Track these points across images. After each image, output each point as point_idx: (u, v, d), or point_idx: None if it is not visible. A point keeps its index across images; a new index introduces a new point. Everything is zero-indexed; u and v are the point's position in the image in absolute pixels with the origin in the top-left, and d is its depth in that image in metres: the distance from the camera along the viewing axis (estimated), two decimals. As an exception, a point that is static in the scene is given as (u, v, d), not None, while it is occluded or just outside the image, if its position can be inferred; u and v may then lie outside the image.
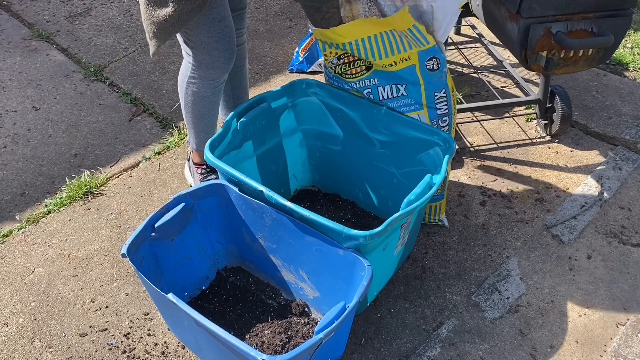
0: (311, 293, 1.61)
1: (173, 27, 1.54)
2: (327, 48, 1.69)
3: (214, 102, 1.82)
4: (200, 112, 1.83)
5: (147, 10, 1.54)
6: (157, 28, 1.55)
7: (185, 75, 1.77)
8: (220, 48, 1.67)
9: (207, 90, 1.77)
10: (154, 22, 1.54)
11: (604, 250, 1.91)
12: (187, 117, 1.88)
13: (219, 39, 1.65)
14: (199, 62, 1.70)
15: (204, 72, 1.71)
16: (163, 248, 1.56)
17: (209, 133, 1.91)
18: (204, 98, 1.79)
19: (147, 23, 1.57)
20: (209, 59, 1.68)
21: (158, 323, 1.69)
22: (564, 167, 2.22)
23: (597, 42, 1.90)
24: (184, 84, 1.78)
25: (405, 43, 1.63)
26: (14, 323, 1.69)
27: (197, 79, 1.74)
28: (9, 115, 2.50)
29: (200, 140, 1.93)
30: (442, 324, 1.69)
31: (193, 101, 1.80)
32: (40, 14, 3.21)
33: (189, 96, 1.79)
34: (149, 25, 1.57)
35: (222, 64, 1.71)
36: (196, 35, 1.63)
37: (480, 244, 1.93)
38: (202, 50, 1.66)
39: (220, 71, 1.72)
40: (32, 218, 2.02)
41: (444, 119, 1.75)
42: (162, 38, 1.57)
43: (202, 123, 1.87)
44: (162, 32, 1.56)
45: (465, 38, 2.99)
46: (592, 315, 1.72)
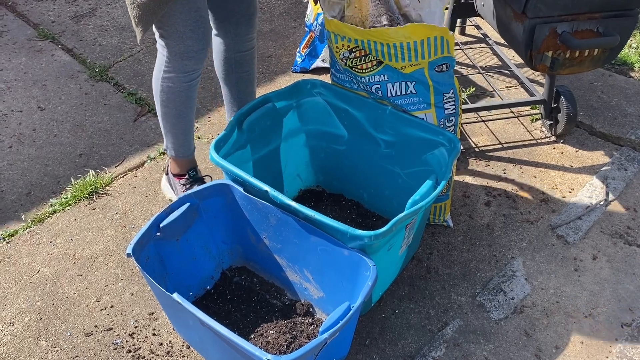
0: (316, 293, 1.61)
1: (156, 7, 1.53)
2: (340, 40, 1.69)
3: (190, 99, 1.78)
4: (177, 111, 1.79)
5: None
6: (142, 11, 1.53)
7: (159, 71, 1.73)
8: (195, 37, 1.65)
9: (183, 85, 1.73)
10: (138, 5, 1.52)
11: (610, 250, 1.90)
12: (164, 118, 1.83)
13: (193, 27, 1.63)
14: (173, 52, 1.67)
15: (178, 63, 1.68)
16: (168, 248, 1.56)
17: (188, 135, 1.87)
18: (180, 94, 1.75)
19: (131, 7, 1.55)
20: (183, 48, 1.65)
21: (163, 323, 1.69)
22: (569, 168, 2.22)
23: (603, 42, 1.89)
24: (158, 80, 1.74)
25: (419, 53, 1.63)
26: (20, 322, 1.70)
27: (172, 72, 1.71)
28: (15, 115, 2.51)
29: (180, 144, 1.88)
30: (447, 324, 1.69)
31: (170, 98, 1.76)
32: (45, 14, 3.22)
33: (165, 93, 1.75)
34: (133, 10, 1.55)
35: (196, 54, 1.68)
36: (171, 24, 1.61)
37: (485, 245, 1.92)
38: (177, 39, 1.64)
39: (195, 62, 1.70)
40: (37, 218, 2.03)
41: (451, 119, 1.75)
42: (147, 21, 1.56)
43: (181, 123, 1.82)
44: (146, 14, 1.53)
45: (470, 38, 2.99)
46: (597, 316, 1.71)
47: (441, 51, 1.63)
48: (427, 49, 1.62)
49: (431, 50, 1.62)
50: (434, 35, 1.59)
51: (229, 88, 2.03)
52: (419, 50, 1.62)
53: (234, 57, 1.92)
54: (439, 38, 1.60)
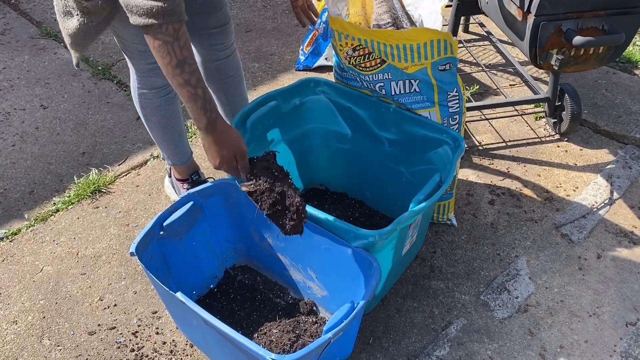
0: (319, 292, 1.60)
1: (84, 39, 1.50)
2: (343, 39, 1.68)
3: (171, 111, 1.77)
4: (161, 124, 1.78)
5: (60, 20, 1.50)
6: (71, 40, 1.51)
7: (134, 88, 1.72)
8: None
9: (159, 100, 1.72)
10: (67, 34, 1.50)
11: (614, 249, 1.89)
12: (151, 132, 1.83)
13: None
14: (139, 70, 1.66)
15: (147, 80, 1.68)
16: (171, 247, 1.56)
17: (179, 145, 1.87)
18: (159, 108, 1.74)
19: (63, 34, 1.53)
20: (147, 66, 1.64)
21: (166, 321, 1.69)
22: (574, 166, 2.21)
23: (608, 40, 1.88)
24: (135, 97, 1.74)
25: (422, 54, 1.62)
26: (23, 321, 1.70)
27: (145, 88, 1.70)
28: (18, 113, 2.51)
29: (172, 153, 1.88)
30: (451, 323, 1.68)
31: (150, 113, 1.75)
32: (47, 12, 3.22)
33: (145, 109, 1.75)
34: (65, 37, 1.53)
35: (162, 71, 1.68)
36: (130, 44, 1.59)
37: (489, 243, 1.92)
38: (139, 58, 1.62)
39: (163, 78, 1.68)
40: (40, 216, 2.03)
41: (455, 117, 1.74)
42: (78, 49, 1.54)
43: (168, 135, 1.82)
44: (75, 43, 1.52)
45: (474, 36, 2.98)
46: (602, 315, 1.70)
47: (444, 52, 1.62)
48: (430, 50, 1.61)
49: (434, 51, 1.62)
50: (437, 38, 1.59)
51: (217, 94, 2.01)
52: (422, 52, 1.61)
53: (213, 65, 1.89)
54: (442, 41, 1.60)
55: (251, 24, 3.12)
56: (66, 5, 1.44)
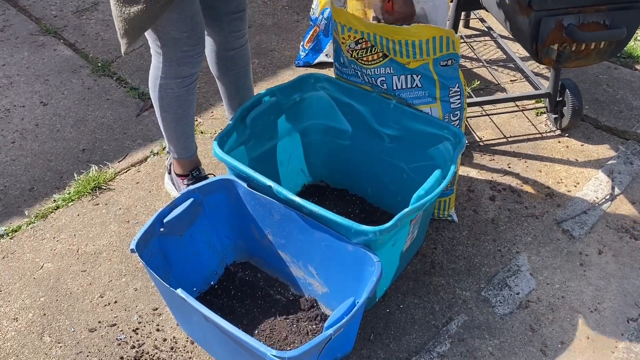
0: (320, 289, 1.60)
1: (144, 23, 1.51)
2: (346, 31, 1.67)
3: (189, 102, 1.78)
4: (177, 114, 1.78)
5: (117, 7, 1.50)
6: (128, 25, 1.51)
7: (156, 77, 1.71)
8: (191, 43, 1.63)
9: (181, 89, 1.72)
10: (125, 19, 1.51)
11: (615, 245, 1.89)
12: (164, 122, 1.82)
13: (190, 34, 1.62)
14: (169, 59, 1.66)
15: (175, 69, 1.68)
16: (172, 243, 1.56)
17: (189, 137, 1.87)
18: (178, 98, 1.74)
19: (118, 20, 1.53)
20: (180, 55, 1.64)
21: (167, 318, 1.69)
22: (575, 162, 2.20)
23: (609, 35, 1.87)
24: (156, 87, 1.73)
25: (424, 51, 1.61)
26: (24, 318, 1.70)
27: (169, 78, 1.70)
28: (17, 110, 2.50)
29: (181, 146, 1.88)
30: (452, 319, 1.68)
31: (168, 103, 1.75)
32: (47, 9, 3.21)
33: (163, 98, 1.74)
34: (120, 23, 1.53)
35: (193, 59, 1.67)
36: (167, 31, 1.59)
37: (490, 239, 1.92)
38: (173, 47, 1.63)
39: (191, 67, 1.69)
40: (40, 213, 2.02)
41: (456, 113, 1.73)
42: (134, 35, 1.54)
43: (181, 126, 1.82)
44: (133, 29, 1.52)
45: (474, 31, 2.97)
46: (603, 311, 1.70)
47: (447, 49, 1.62)
48: (432, 47, 1.60)
49: (436, 48, 1.61)
50: (439, 35, 1.58)
51: (227, 86, 2.01)
52: (424, 48, 1.60)
53: (228, 55, 1.89)
54: (445, 38, 1.59)
55: (251, 20, 3.11)
56: None
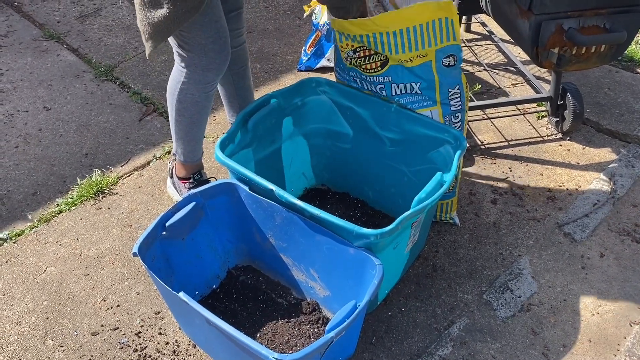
0: (322, 292, 1.61)
1: (169, 28, 1.51)
2: (344, 40, 1.68)
3: (206, 108, 1.78)
4: (192, 120, 1.79)
5: (142, 11, 1.51)
6: (153, 29, 1.52)
7: (177, 81, 1.72)
8: (217, 49, 1.64)
9: (201, 95, 1.73)
10: (150, 24, 1.51)
11: (617, 248, 1.89)
12: (178, 125, 1.82)
13: (215, 39, 1.62)
14: (194, 64, 1.66)
15: (199, 75, 1.68)
16: (174, 247, 1.56)
17: (199, 141, 1.87)
18: (197, 103, 1.74)
19: (142, 24, 1.54)
20: (205, 60, 1.64)
21: (169, 322, 1.69)
22: (576, 165, 2.20)
23: (609, 39, 1.88)
24: (176, 90, 1.73)
25: (426, 39, 1.61)
26: (27, 322, 1.70)
27: (191, 84, 1.70)
28: (21, 115, 2.51)
29: (190, 150, 1.88)
30: (454, 323, 1.68)
31: (186, 108, 1.75)
32: (50, 14, 3.23)
33: (183, 103, 1.75)
34: (144, 27, 1.54)
35: (218, 65, 1.68)
36: (192, 36, 1.59)
37: (491, 243, 1.92)
38: (199, 52, 1.63)
39: (216, 73, 1.69)
40: (43, 217, 2.03)
41: (457, 115, 1.74)
42: (158, 39, 1.55)
43: (194, 131, 1.82)
44: (158, 33, 1.53)
45: (476, 35, 2.98)
46: (605, 314, 1.70)
47: (447, 37, 1.61)
48: (432, 33, 1.60)
49: (437, 35, 1.60)
50: (438, 17, 1.58)
51: (227, 87, 2.01)
52: (425, 36, 1.59)
53: None
54: (443, 20, 1.59)
55: (253, 24, 3.13)
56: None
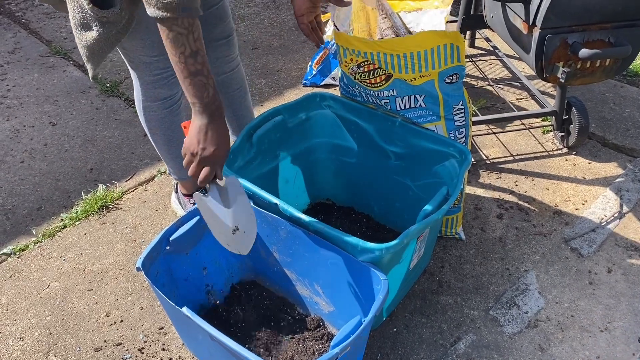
0: (326, 307, 1.59)
1: (102, 49, 1.51)
2: (348, 55, 1.68)
3: (176, 123, 1.77)
4: (167, 137, 1.78)
5: (76, 33, 1.51)
6: (88, 52, 1.52)
7: (138, 100, 1.73)
8: (162, 67, 1.63)
9: (164, 112, 1.73)
10: (85, 46, 1.51)
11: (625, 263, 1.87)
12: (156, 145, 1.82)
13: (159, 57, 1.61)
14: (144, 82, 1.66)
15: (152, 92, 1.68)
16: (178, 262, 1.56)
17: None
18: (163, 120, 1.74)
19: (79, 47, 1.54)
20: (152, 77, 1.65)
21: (172, 337, 1.68)
22: (582, 180, 2.19)
23: (614, 53, 1.88)
24: (140, 110, 1.74)
25: (430, 62, 1.61)
26: (30, 337, 1.69)
27: (149, 101, 1.70)
28: (27, 130, 2.53)
29: (178, 167, 1.88)
30: (460, 339, 1.66)
31: (155, 126, 1.75)
32: (57, 31, 3.26)
33: (150, 122, 1.75)
34: (81, 49, 1.53)
35: (168, 82, 1.67)
36: (136, 56, 1.60)
37: (497, 258, 1.90)
38: (145, 70, 1.63)
39: (168, 89, 1.68)
40: (48, 232, 2.03)
41: (461, 131, 1.73)
42: (96, 61, 1.54)
43: (173, 148, 1.82)
44: (93, 55, 1.52)
45: (480, 50, 2.98)
46: (613, 331, 1.68)
47: (451, 60, 1.62)
48: (437, 58, 1.60)
49: (441, 59, 1.61)
50: (444, 42, 1.58)
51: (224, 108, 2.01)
52: (429, 60, 1.60)
53: (219, 79, 1.90)
54: (449, 46, 1.59)
55: (258, 41, 3.15)
56: (84, 18, 1.45)
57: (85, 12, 1.43)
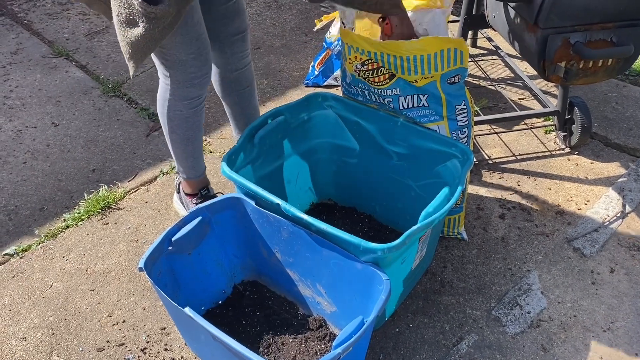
0: (328, 307, 1.59)
1: (147, 47, 1.51)
2: (353, 52, 1.68)
3: (197, 123, 1.78)
4: (185, 136, 1.79)
5: (120, 30, 1.51)
6: (132, 49, 1.51)
7: (164, 99, 1.72)
8: (198, 65, 1.64)
9: (189, 111, 1.73)
10: (129, 43, 1.51)
11: (627, 263, 1.87)
12: (173, 143, 1.82)
13: (196, 56, 1.62)
14: (176, 81, 1.66)
15: (182, 91, 1.68)
16: (180, 262, 1.56)
17: (197, 157, 1.87)
18: (187, 120, 1.75)
19: (122, 44, 1.54)
20: (186, 76, 1.65)
21: (175, 338, 1.68)
22: (585, 179, 2.19)
23: (616, 52, 1.88)
24: (164, 108, 1.74)
25: (432, 65, 1.61)
26: (32, 337, 1.70)
27: (177, 100, 1.70)
28: (29, 131, 2.53)
29: (190, 166, 1.88)
30: (462, 339, 1.66)
31: (177, 124, 1.76)
32: (60, 32, 3.27)
33: (173, 120, 1.75)
34: (124, 46, 1.53)
35: (200, 81, 1.68)
36: (173, 53, 1.60)
37: (500, 258, 1.90)
38: (180, 69, 1.63)
39: (199, 89, 1.69)
40: (50, 233, 2.03)
41: (464, 131, 1.73)
42: (138, 58, 1.54)
43: (189, 147, 1.82)
44: (137, 52, 1.52)
45: (482, 50, 2.98)
46: (616, 331, 1.67)
47: (454, 63, 1.62)
48: (440, 61, 1.61)
49: (444, 62, 1.61)
50: (447, 47, 1.59)
51: (232, 106, 2.02)
52: (432, 63, 1.61)
53: (232, 76, 1.91)
54: (453, 50, 1.59)
55: (260, 41, 3.15)
56: (130, 14, 1.44)
57: (132, 8, 1.42)
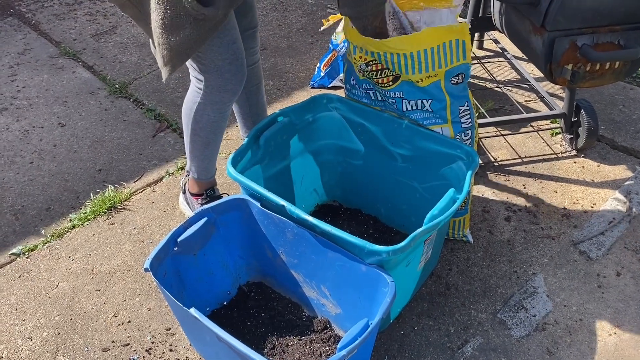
0: (333, 309, 1.59)
1: (190, 49, 1.51)
2: (358, 52, 1.68)
3: (222, 128, 1.78)
4: (207, 139, 1.79)
5: (162, 35, 1.50)
6: (173, 52, 1.51)
7: (194, 102, 1.72)
8: (233, 70, 1.64)
9: (217, 115, 1.73)
10: (171, 48, 1.50)
11: (634, 267, 1.86)
12: (193, 145, 1.82)
13: (231, 61, 1.62)
14: (210, 86, 1.66)
15: (215, 96, 1.68)
16: (185, 263, 1.56)
17: (213, 160, 1.88)
18: (213, 124, 1.74)
19: (162, 48, 1.53)
20: (221, 81, 1.65)
21: (180, 338, 1.68)
22: (591, 182, 2.18)
23: (624, 55, 1.87)
24: (192, 111, 1.73)
25: (436, 61, 1.61)
26: (38, 337, 1.71)
27: (207, 104, 1.70)
28: (36, 131, 2.54)
29: (204, 168, 1.89)
30: (467, 342, 1.65)
31: (202, 128, 1.75)
32: (67, 32, 3.28)
33: (199, 123, 1.75)
34: (164, 51, 1.52)
35: (234, 86, 1.67)
36: (209, 58, 1.60)
37: (505, 260, 1.89)
38: (215, 74, 1.63)
39: (232, 94, 1.69)
40: (57, 233, 2.04)
41: (467, 132, 1.73)
42: (178, 62, 1.54)
43: (208, 150, 1.83)
44: (178, 55, 1.52)
45: (488, 52, 2.97)
46: (622, 335, 1.67)
47: (457, 57, 1.62)
48: (443, 56, 1.60)
49: (447, 57, 1.61)
50: (449, 39, 1.58)
51: (241, 105, 2.03)
52: (436, 58, 1.60)
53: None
54: (454, 42, 1.59)
55: (266, 42, 3.15)
56: (177, 16, 1.44)
57: (181, 9, 1.42)
